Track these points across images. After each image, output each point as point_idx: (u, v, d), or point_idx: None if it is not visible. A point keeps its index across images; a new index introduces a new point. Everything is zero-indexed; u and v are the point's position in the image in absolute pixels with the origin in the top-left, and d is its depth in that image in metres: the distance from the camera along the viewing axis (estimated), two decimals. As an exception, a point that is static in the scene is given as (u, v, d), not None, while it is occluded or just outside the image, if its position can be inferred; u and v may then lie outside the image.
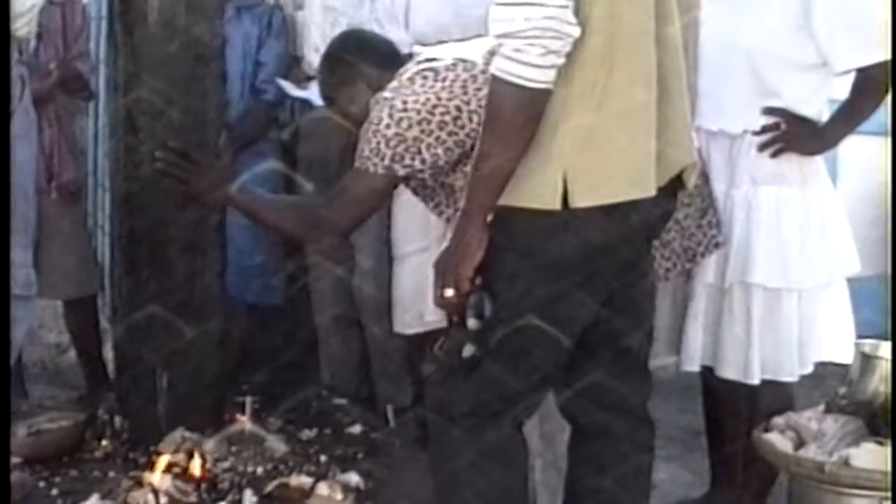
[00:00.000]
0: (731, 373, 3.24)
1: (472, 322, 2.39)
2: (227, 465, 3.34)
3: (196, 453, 3.29)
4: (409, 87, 2.65)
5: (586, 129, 2.29)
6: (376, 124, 2.64)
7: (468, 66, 2.62)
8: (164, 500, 3.09)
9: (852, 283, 3.39)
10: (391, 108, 2.63)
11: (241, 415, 3.60)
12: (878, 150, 4.90)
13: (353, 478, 3.31)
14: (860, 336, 3.24)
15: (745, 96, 3.19)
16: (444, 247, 2.51)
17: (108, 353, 4.14)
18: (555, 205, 2.29)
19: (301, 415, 3.93)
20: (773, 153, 3.19)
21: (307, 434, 3.76)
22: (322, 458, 3.53)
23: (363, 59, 2.90)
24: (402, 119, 2.62)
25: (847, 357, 3.28)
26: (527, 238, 2.35)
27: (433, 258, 3.43)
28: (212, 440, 3.41)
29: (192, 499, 3.15)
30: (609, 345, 2.59)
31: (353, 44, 3.01)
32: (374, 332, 4.09)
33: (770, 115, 3.19)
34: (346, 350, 4.36)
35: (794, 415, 3.10)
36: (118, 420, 3.61)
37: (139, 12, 3.42)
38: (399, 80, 2.70)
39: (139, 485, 3.16)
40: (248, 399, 3.68)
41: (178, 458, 3.31)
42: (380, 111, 2.65)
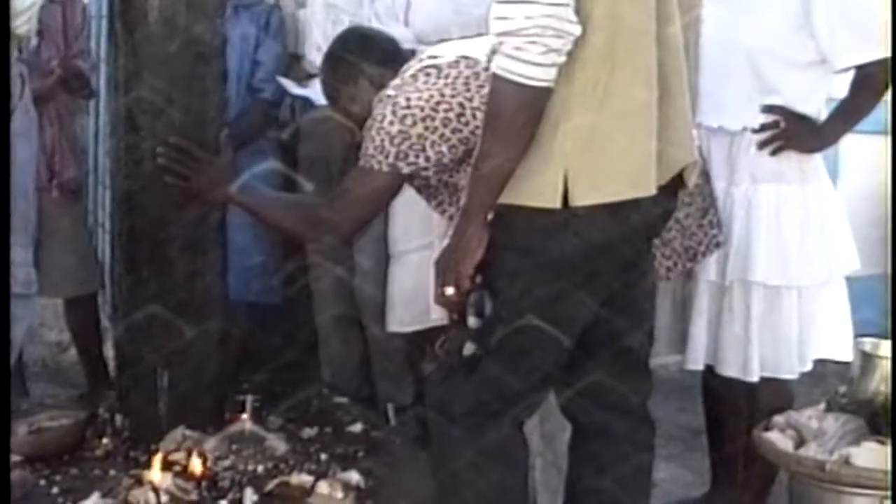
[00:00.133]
0: (731, 370, 3.24)
1: (472, 321, 2.39)
2: (227, 463, 3.33)
3: (196, 452, 3.29)
4: (413, 84, 2.65)
5: (587, 127, 2.28)
6: (380, 122, 2.64)
7: (471, 64, 2.62)
8: (164, 498, 3.09)
9: (853, 282, 3.40)
10: (395, 106, 2.63)
11: (241, 413, 3.60)
12: (880, 150, 4.91)
13: (354, 476, 3.31)
14: (861, 335, 3.24)
15: (744, 94, 3.20)
16: (444, 245, 2.51)
17: (109, 352, 4.13)
18: (555, 203, 2.29)
19: (302, 413, 3.92)
20: (772, 151, 3.20)
21: (308, 433, 3.76)
22: (323, 456, 3.53)
23: (366, 56, 2.91)
24: (405, 116, 2.61)
25: (846, 355, 3.30)
26: (527, 237, 2.35)
27: (434, 256, 3.46)
28: (213, 439, 3.41)
29: (193, 497, 3.15)
30: (609, 344, 2.59)
31: (356, 42, 3.00)
32: (374, 332, 4.09)
33: (769, 113, 3.20)
34: (347, 349, 4.36)
35: (794, 413, 3.10)
36: (119, 418, 3.61)
37: (140, 11, 3.42)
38: (402, 78, 2.70)
39: (140, 483, 3.16)
40: (249, 398, 3.67)
41: (178, 456, 3.31)
42: (383, 109, 2.65)
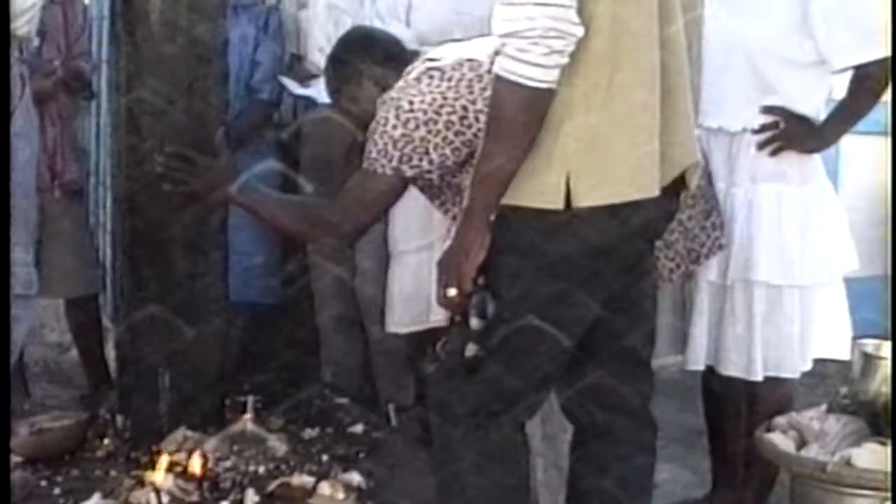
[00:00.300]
0: (733, 370, 3.25)
1: (474, 322, 2.38)
2: (228, 464, 3.33)
3: (198, 452, 3.29)
4: (416, 86, 2.65)
5: (589, 128, 2.28)
6: (383, 125, 2.64)
7: (474, 66, 2.62)
8: (165, 499, 3.09)
9: (854, 282, 3.40)
10: (398, 109, 2.63)
11: (242, 414, 3.60)
12: (880, 150, 4.91)
13: (355, 477, 3.31)
14: (862, 336, 3.24)
15: (744, 94, 3.20)
16: (447, 245, 2.50)
17: (110, 353, 4.14)
18: (558, 204, 2.29)
19: (303, 414, 3.92)
20: (772, 151, 3.20)
21: (309, 433, 3.76)
22: (324, 457, 3.53)
23: (370, 57, 2.91)
24: (408, 120, 2.61)
25: (844, 354, 3.31)
26: (529, 238, 2.34)
27: (434, 256, 3.45)
28: (213, 439, 3.41)
29: (194, 498, 3.15)
30: (611, 345, 2.59)
31: (360, 43, 3.00)
32: (374, 332, 4.09)
33: (769, 114, 3.20)
34: (348, 349, 4.36)
35: (796, 415, 3.09)
36: (120, 419, 3.61)
37: (141, 12, 3.42)
38: (405, 80, 2.70)
39: (141, 484, 3.16)
40: (250, 398, 3.67)
41: (179, 457, 3.31)
42: (386, 112, 2.65)
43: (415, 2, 3.77)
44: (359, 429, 3.88)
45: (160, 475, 3.17)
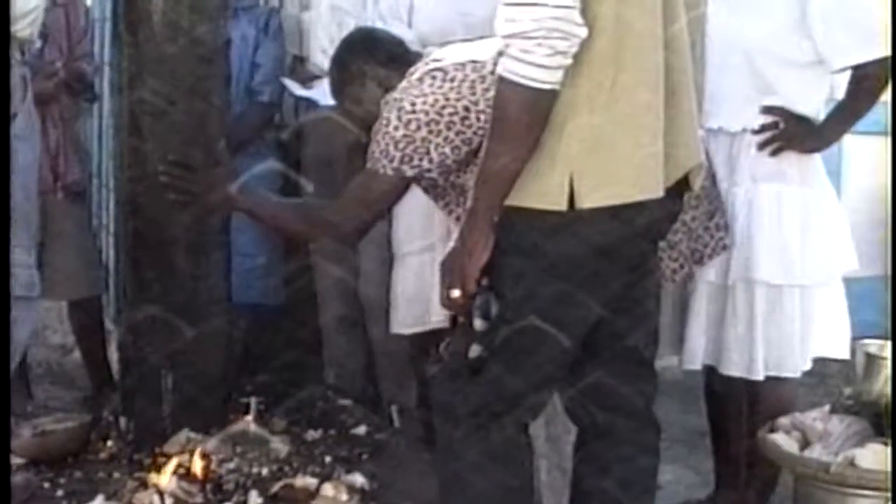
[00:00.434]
0: (735, 370, 3.25)
1: (478, 323, 2.38)
2: (232, 465, 3.33)
3: (201, 454, 3.29)
4: (418, 87, 2.65)
5: (593, 129, 2.28)
6: (385, 126, 2.65)
7: (477, 67, 2.62)
8: (169, 501, 3.09)
9: (856, 283, 3.40)
10: (400, 110, 2.63)
11: (245, 415, 3.60)
12: (884, 151, 4.90)
13: (358, 479, 3.30)
14: (864, 337, 3.24)
15: (743, 94, 3.21)
16: (450, 247, 2.50)
17: (113, 354, 4.14)
18: (561, 205, 2.29)
19: (306, 416, 3.92)
20: (772, 151, 3.21)
21: (312, 435, 3.75)
22: (327, 458, 3.52)
23: (373, 59, 2.91)
24: (410, 121, 2.62)
25: (843, 353, 3.33)
26: (533, 239, 2.34)
27: (437, 257, 3.46)
28: (213, 440, 3.41)
29: (198, 500, 3.14)
30: (614, 346, 2.59)
31: (364, 44, 3.01)
32: (377, 334, 4.09)
33: (768, 114, 3.21)
34: (350, 351, 4.36)
35: (799, 415, 3.09)
36: (123, 421, 3.60)
37: (143, 13, 3.42)
38: (408, 81, 2.70)
39: (144, 486, 3.16)
40: (253, 400, 3.67)
41: (183, 459, 3.31)
42: (388, 112, 2.66)
43: (417, 3, 3.76)
44: (362, 430, 3.88)
45: (163, 477, 3.16)
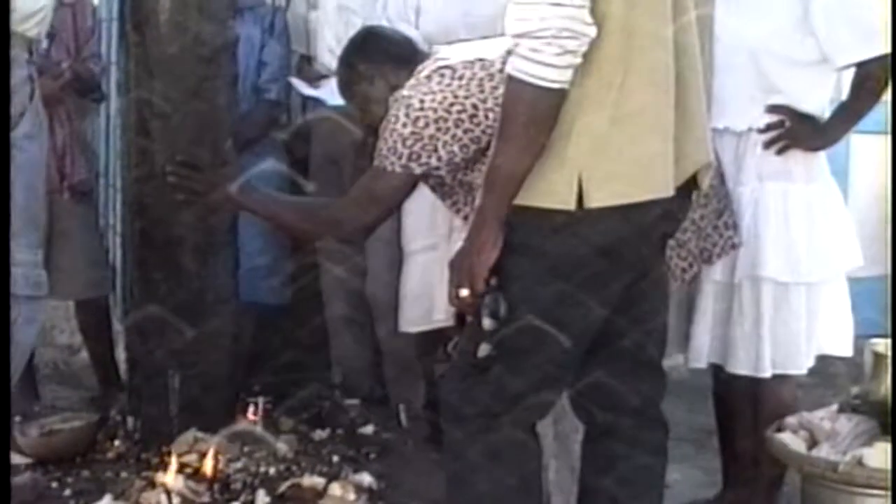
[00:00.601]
0: (741, 368, 3.26)
1: (487, 322, 2.37)
2: (239, 465, 3.34)
3: (208, 454, 3.29)
4: (426, 84, 2.66)
5: (602, 128, 2.28)
6: (393, 123, 2.65)
7: (485, 65, 2.63)
8: (176, 500, 3.09)
9: (862, 282, 3.40)
10: (408, 107, 2.64)
11: (253, 415, 3.60)
12: (890, 150, 4.89)
13: (366, 478, 3.31)
14: (869, 336, 3.24)
15: (748, 94, 3.22)
16: (458, 245, 2.50)
17: (120, 354, 4.14)
18: (570, 205, 2.28)
19: (313, 415, 3.93)
20: (778, 150, 3.22)
21: (319, 434, 3.76)
22: (334, 458, 3.53)
23: (382, 56, 2.91)
24: (418, 118, 2.62)
25: (846, 351, 3.34)
26: (542, 238, 2.34)
27: (440, 256, 3.46)
28: (216, 437, 3.41)
29: (205, 499, 3.15)
30: (622, 344, 2.58)
31: (372, 42, 3.01)
32: (384, 333, 4.09)
33: (774, 113, 3.22)
34: (358, 350, 4.36)
35: (806, 414, 3.09)
36: (130, 420, 3.61)
37: (150, 13, 3.42)
38: (417, 78, 2.71)
39: (152, 485, 3.17)
40: (260, 399, 3.67)
41: (190, 458, 3.32)
42: (397, 110, 2.66)
43: (424, 5, 3.77)
44: (369, 430, 3.89)
45: (171, 476, 3.17)
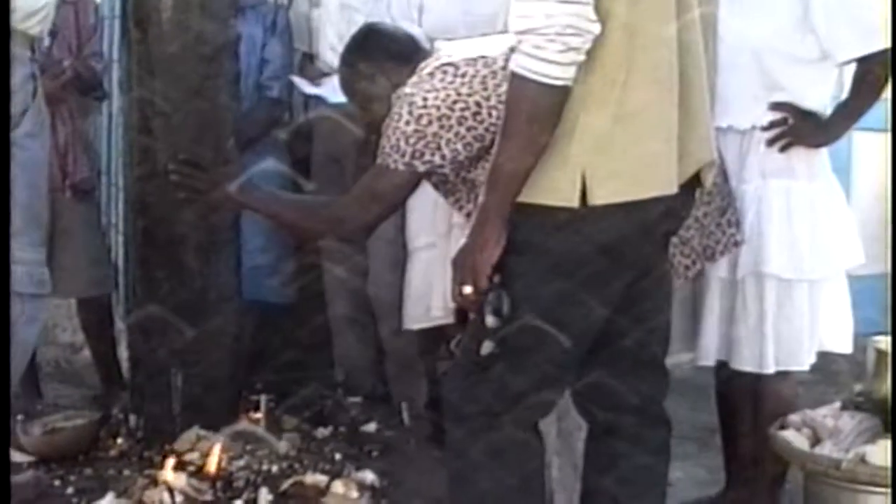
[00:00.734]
0: (745, 365, 3.26)
1: (490, 319, 2.37)
2: (242, 463, 3.34)
3: (211, 452, 3.29)
4: (429, 82, 2.66)
5: (605, 126, 2.28)
6: (396, 121, 2.65)
7: (488, 62, 2.63)
8: (179, 498, 3.09)
9: (862, 280, 3.40)
10: (411, 105, 2.64)
11: (255, 413, 3.60)
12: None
13: (369, 476, 3.31)
14: (869, 334, 3.24)
15: (751, 92, 3.22)
16: (460, 243, 2.50)
17: (123, 352, 4.14)
18: (573, 202, 2.28)
19: (316, 413, 3.92)
20: (781, 147, 3.22)
21: (322, 432, 3.76)
22: (337, 456, 3.53)
23: (383, 54, 2.90)
24: (421, 116, 2.62)
25: (846, 347, 3.35)
26: (545, 235, 2.34)
27: (439, 254, 3.46)
28: (221, 436, 3.41)
29: (208, 497, 3.15)
30: (625, 342, 2.58)
31: (373, 39, 2.99)
32: (387, 331, 4.10)
33: (777, 110, 3.22)
34: (361, 348, 4.36)
35: (809, 412, 3.10)
36: (133, 419, 3.61)
37: (152, 11, 3.42)
38: (419, 76, 2.70)
39: (154, 483, 3.16)
40: (263, 397, 3.67)
41: (193, 456, 3.32)
42: (400, 107, 2.66)
43: (427, 3, 3.77)
44: (372, 427, 3.88)
45: (173, 474, 3.17)
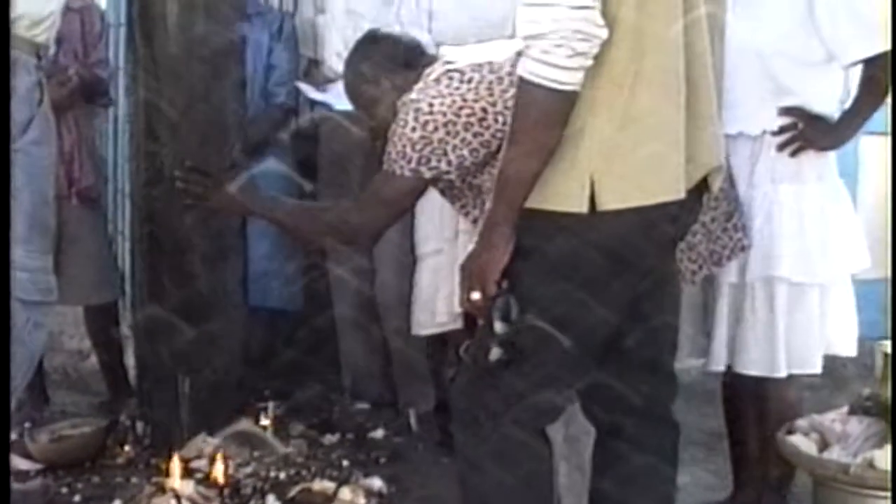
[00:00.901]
0: (755, 369, 3.25)
1: (498, 325, 2.36)
2: (249, 469, 3.34)
3: (218, 459, 3.29)
4: (435, 88, 2.65)
5: (613, 131, 2.27)
6: (402, 127, 2.65)
7: (494, 68, 2.62)
8: (186, 505, 3.10)
9: (868, 284, 3.40)
10: (417, 111, 2.63)
11: (263, 419, 3.61)
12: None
13: (376, 482, 3.31)
14: (874, 338, 3.24)
15: (760, 98, 3.22)
16: (469, 249, 2.49)
17: (130, 359, 4.14)
18: (581, 207, 2.27)
19: (323, 419, 3.93)
20: (792, 152, 3.21)
21: (329, 439, 3.76)
22: (344, 462, 3.53)
23: (387, 59, 2.89)
24: (427, 122, 2.62)
25: (850, 350, 3.34)
26: (554, 241, 2.33)
27: (447, 260, 3.46)
28: (226, 441, 3.42)
29: (215, 504, 3.16)
30: (634, 347, 2.57)
31: (377, 44, 2.98)
32: (394, 338, 4.10)
33: (787, 115, 3.22)
34: (368, 354, 4.36)
35: (817, 416, 3.09)
36: (140, 426, 3.62)
37: (158, 19, 3.43)
38: (425, 82, 2.70)
39: (161, 490, 3.17)
40: (270, 404, 3.68)
41: (200, 463, 3.32)
42: (406, 114, 2.65)
43: (436, 9, 3.77)
44: (379, 434, 3.89)
45: (180, 481, 3.17)
